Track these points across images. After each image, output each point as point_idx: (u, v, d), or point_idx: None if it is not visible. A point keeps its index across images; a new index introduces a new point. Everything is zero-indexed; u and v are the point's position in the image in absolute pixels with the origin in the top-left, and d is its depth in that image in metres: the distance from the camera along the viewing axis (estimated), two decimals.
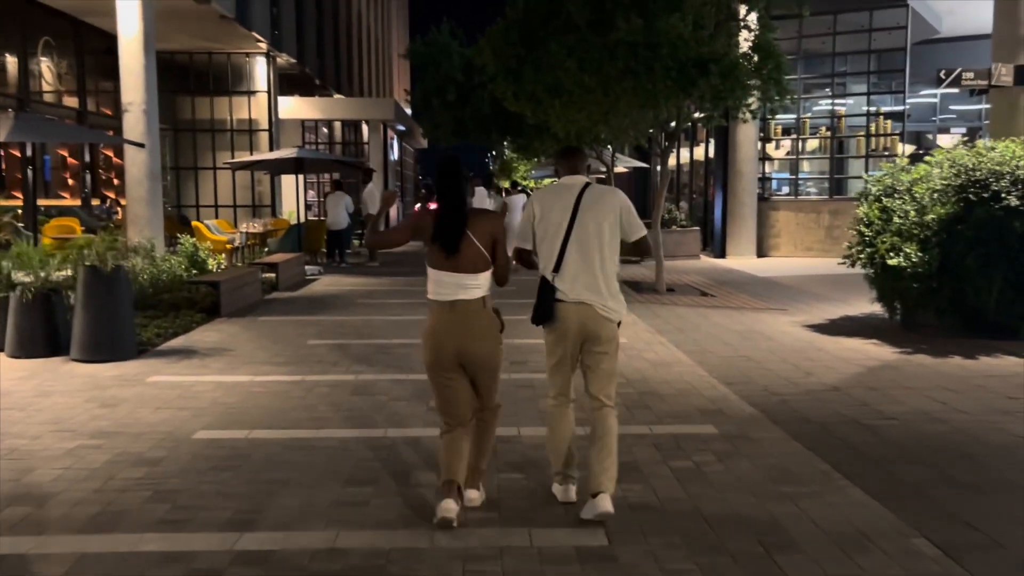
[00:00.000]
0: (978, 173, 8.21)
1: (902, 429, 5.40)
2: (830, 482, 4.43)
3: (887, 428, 5.43)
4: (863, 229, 9.08)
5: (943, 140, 21.22)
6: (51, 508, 4.09)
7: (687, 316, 10.37)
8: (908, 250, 8.43)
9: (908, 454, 4.91)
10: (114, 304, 7.68)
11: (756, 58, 11.45)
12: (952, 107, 22.68)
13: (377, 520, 3.96)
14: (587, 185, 4.09)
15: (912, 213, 8.60)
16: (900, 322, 9.27)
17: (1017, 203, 7.87)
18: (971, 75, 11.17)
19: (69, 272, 8.13)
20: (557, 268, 4.00)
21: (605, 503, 3.83)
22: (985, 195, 8.06)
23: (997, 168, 8.11)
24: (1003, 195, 7.95)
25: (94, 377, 6.98)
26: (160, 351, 8.14)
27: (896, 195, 8.90)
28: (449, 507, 3.80)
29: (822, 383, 6.74)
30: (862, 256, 9.02)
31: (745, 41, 11.92)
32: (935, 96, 22.37)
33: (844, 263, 9.33)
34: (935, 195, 8.55)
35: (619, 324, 4.09)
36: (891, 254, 8.59)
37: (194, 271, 12.45)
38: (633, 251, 4.29)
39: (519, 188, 23.26)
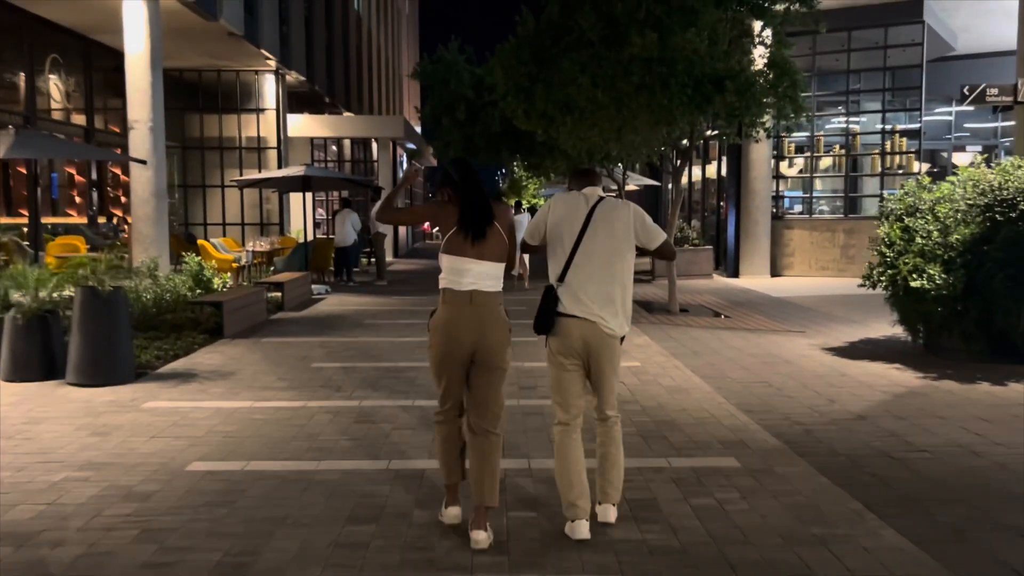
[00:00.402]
0: (1005, 192, 7.92)
1: (937, 463, 5.09)
2: (863, 523, 4.13)
3: (920, 462, 5.12)
4: (884, 250, 8.79)
5: (958, 158, 20.95)
6: (28, 550, 3.82)
7: (702, 338, 10.07)
8: (932, 271, 8.13)
9: (946, 491, 4.60)
10: (111, 326, 7.45)
11: (771, 75, 11.22)
12: (967, 125, 22.41)
13: (379, 564, 3.68)
14: (601, 199, 4.07)
15: (935, 233, 8.32)
16: (923, 346, 8.96)
17: None
18: (995, 91, 10.89)
19: (69, 292, 7.93)
20: (562, 278, 3.98)
21: (608, 513, 3.99)
22: (1013, 214, 7.78)
23: None
24: None
25: (88, 403, 6.73)
26: (159, 374, 7.89)
27: (918, 214, 8.61)
28: (454, 513, 4.05)
29: (847, 411, 6.43)
30: (883, 278, 8.72)
31: (760, 58, 11.70)
32: (950, 114, 22.12)
33: (864, 285, 9.03)
34: (959, 214, 8.27)
35: (622, 339, 4.07)
36: (914, 276, 8.29)
37: (198, 291, 12.25)
38: (657, 257, 4.23)
39: (520, 208, 23.13)
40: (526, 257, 18.21)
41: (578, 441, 4.01)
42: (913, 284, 8.25)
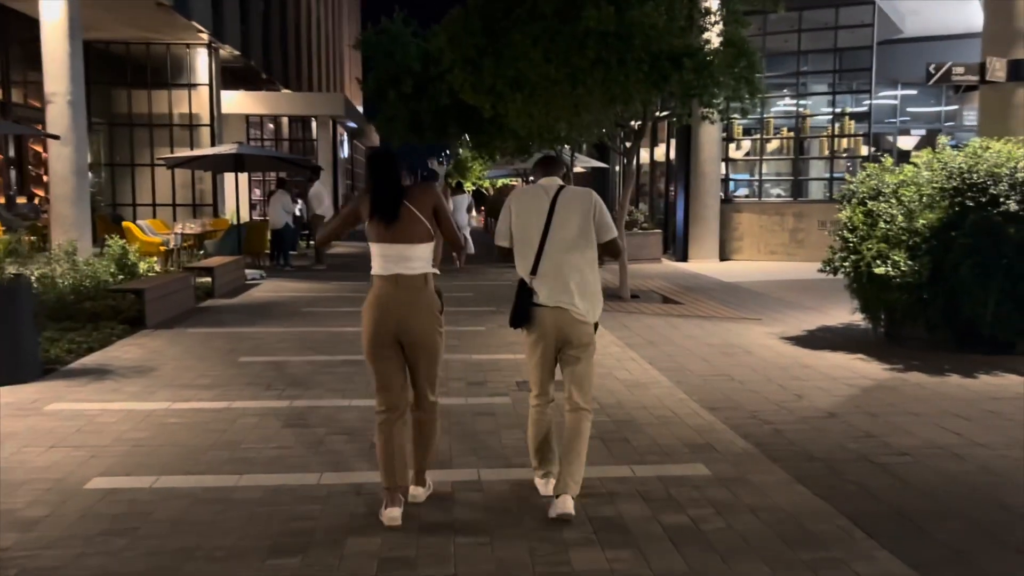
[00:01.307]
0: (974, 176, 7.61)
1: (920, 468, 4.70)
2: (853, 543, 3.69)
3: (902, 467, 4.72)
4: (846, 234, 8.45)
5: (903, 142, 20.95)
6: None
7: (657, 327, 9.64)
8: (896, 258, 7.80)
9: (935, 502, 4.20)
10: (12, 318, 6.69)
11: (728, 55, 10.79)
12: (910, 109, 22.44)
13: None
14: (561, 188, 4.12)
15: (900, 218, 7.98)
16: (884, 334, 8.66)
17: (1017, 208, 7.29)
18: (961, 70, 10.62)
19: None
20: (534, 271, 4.03)
21: (566, 504, 3.92)
22: (982, 199, 7.47)
23: (995, 170, 7.51)
24: (1001, 199, 7.36)
25: None
26: (69, 371, 7.15)
27: (881, 198, 8.27)
28: (393, 515, 3.87)
29: (816, 408, 6.04)
30: (845, 264, 8.37)
31: (716, 37, 11.28)
32: (895, 97, 22.11)
33: (825, 270, 8.68)
34: (924, 198, 7.95)
35: (596, 326, 4.14)
36: (877, 262, 7.96)
37: (121, 276, 11.42)
38: (603, 252, 4.16)
39: (461, 189, 22.63)
40: (470, 239, 17.68)
41: (548, 416, 4.19)
42: (877, 271, 7.92)
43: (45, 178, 18.81)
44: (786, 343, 8.64)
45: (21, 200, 18.93)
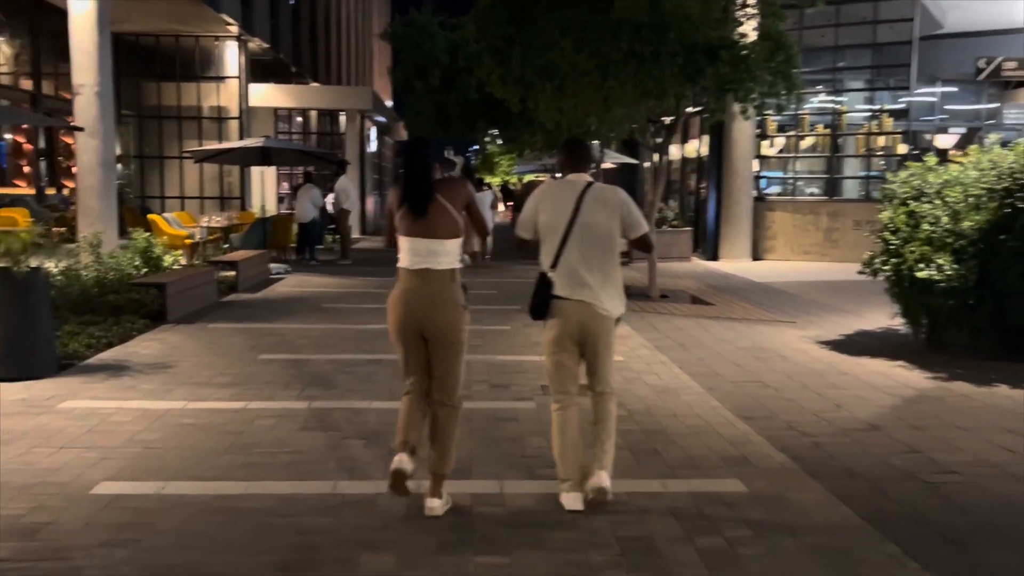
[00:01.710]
0: None
1: (971, 489, 4.40)
2: (906, 575, 3.42)
3: (952, 487, 4.43)
4: (888, 236, 8.11)
5: (941, 140, 20.39)
6: None
7: (687, 329, 9.36)
8: (941, 261, 7.46)
9: (991, 527, 3.91)
10: (28, 312, 6.56)
11: (765, 48, 10.45)
12: (949, 106, 21.86)
13: None
14: (589, 184, 4.13)
15: (944, 219, 7.63)
16: (926, 341, 8.31)
17: None
18: (1013, 65, 10.19)
19: None
20: (555, 265, 4.06)
21: (602, 479, 3.98)
22: None
23: None
24: None
25: None
26: (86, 366, 7.02)
27: (924, 199, 7.93)
28: (401, 459, 3.88)
29: (856, 419, 5.74)
30: (886, 267, 8.04)
31: (753, 31, 10.95)
32: (934, 95, 21.55)
33: (864, 272, 8.34)
34: (971, 199, 7.59)
35: (618, 320, 4.18)
36: (920, 265, 7.62)
37: (145, 269, 11.32)
38: (635, 248, 4.24)
39: (485, 185, 22.42)
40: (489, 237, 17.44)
41: (575, 418, 4.09)
42: (919, 275, 7.58)
43: (75, 170, 18.91)
44: (822, 348, 8.32)
45: (51, 191, 19.02)
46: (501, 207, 40.00)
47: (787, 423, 5.62)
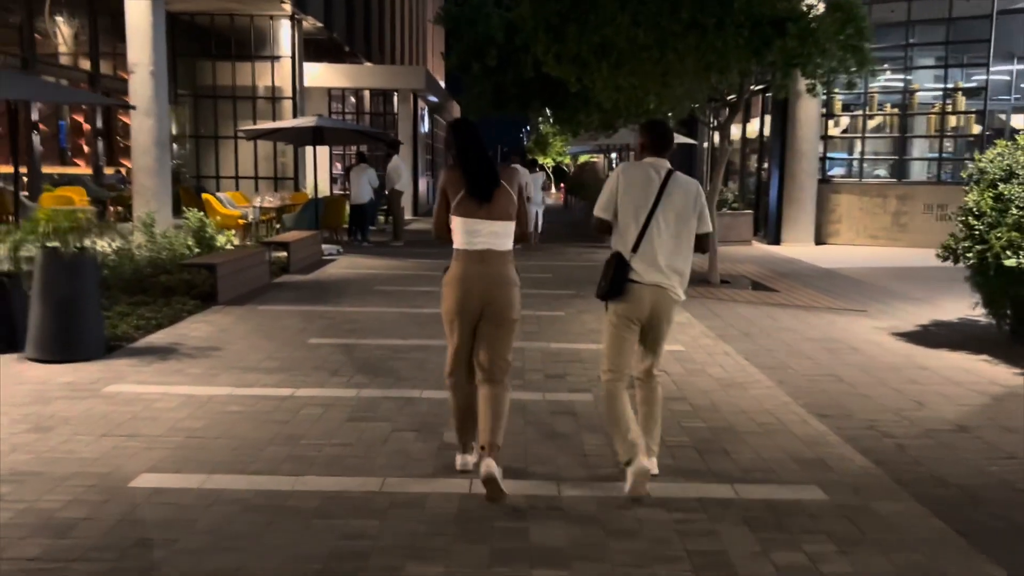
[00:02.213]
0: None
1: None
2: None
3: None
4: (972, 220, 7.58)
5: (1017, 120, 19.42)
6: None
7: (751, 317, 8.94)
8: None
9: None
10: (75, 293, 6.45)
11: (835, 20, 9.90)
12: None
13: None
14: (671, 172, 4.15)
15: None
16: (1010, 333, 7.77)
17: None
18: None
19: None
20: (636, 248, 4.06)
21: (653, 465, 4.14)
22: None
23: None
24: None
25: (43, 384, 5.75)
26: (133, 349, 6.91)
27: (1015, 180, 7.39)
28: (465, 461, 4.22)
29: (942, 419, 5.32)
30: (970, 253, 7.52)
31: (821, 2, 10.39)
32: (1010, 73, 20.52)
33: (945, 257, 7.83)
34: None
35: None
36: (1008, 252, 7.10)
37: (198, 250, 11.27)
38: (696, 246, 4.21)
39: (538, 167, 22.07)
40: (540, 217, 17.09)
41: (625, 390, 4.14)
42: (1007, 263, 7.06)
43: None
44: (897, 339, 7.85)
45: (109, 171, 19.19)
46: (554, 189, 39.58)
47: (866, 422, 5.22)
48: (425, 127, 27.96)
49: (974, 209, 7.57)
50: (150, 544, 3.38)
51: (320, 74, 23.24)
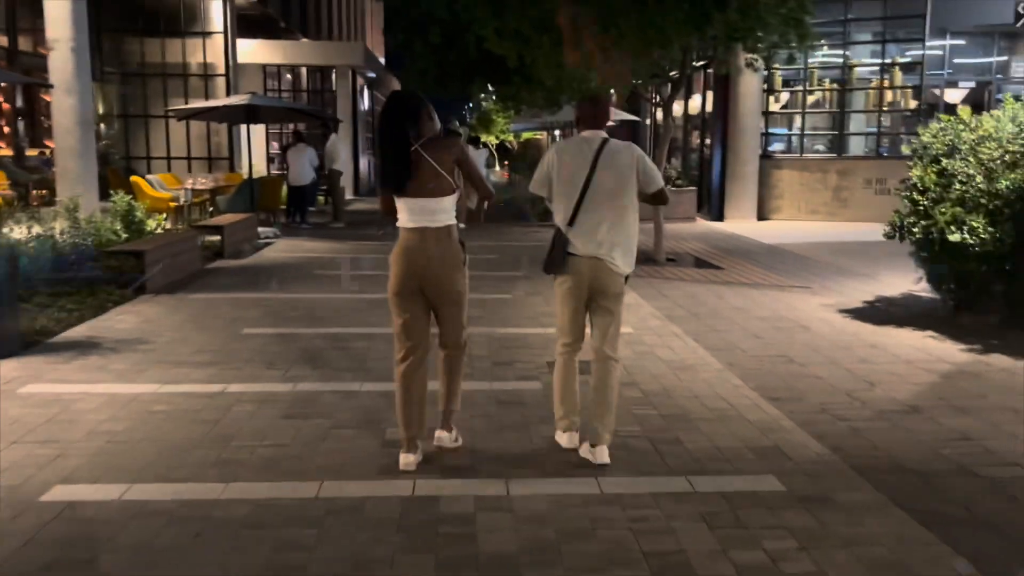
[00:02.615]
0: None
1: None
2: None
3: (1017, 483, 3.94)
4: (916, 196, 7.55)
5: (950, 95, 19.73)
6: None
7: (699, 295, 8.84)
8: (974, 224, 6.92)
9: None
10: None
11: None
12: (958, 60, 21.13)
13: None
14: (605, 141, 4.13)
15: (979, 179, 7.08)
16: (954, 308, 7.79)
17: None
18: None
19: None
20: (572, 222, 4.09)
21: (603, 454, 4.09)
22: None
23: None
24: None
25: None
26: (53, 344, 6.49)
27: (957, 156, 7.36)
28: (408, 460, 4.02)
29: (894, 400, 5.25)
30: (915, 229, 7.49)
31: None
32: (942, 48, 20.83)
33: (892, 235, 7.80)
34: (1008, 156, 7.04)
35: (627, 279, 4.21)
36: (952, 228, 7.08)
37: (126, 235, 10.78)
38: (650, 202, 4.30)
39: (478, 143, 21.86)
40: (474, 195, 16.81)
41: (576, 364, 4.26)
42: (951, 238, 7.05)
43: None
44: (844, 317, 7.82)
45: (32, 153, 18.32)
46: (497, 167, 39.23)
47: (819, 405, 5.12)
48: (365, 104, 27.38)
49: (918, 185, 7.54)
50: (62, 566, 3.08)
51: (254, 50, 22.53)
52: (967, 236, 6.96)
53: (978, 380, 5.69)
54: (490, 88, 21.66)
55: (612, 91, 14.39)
